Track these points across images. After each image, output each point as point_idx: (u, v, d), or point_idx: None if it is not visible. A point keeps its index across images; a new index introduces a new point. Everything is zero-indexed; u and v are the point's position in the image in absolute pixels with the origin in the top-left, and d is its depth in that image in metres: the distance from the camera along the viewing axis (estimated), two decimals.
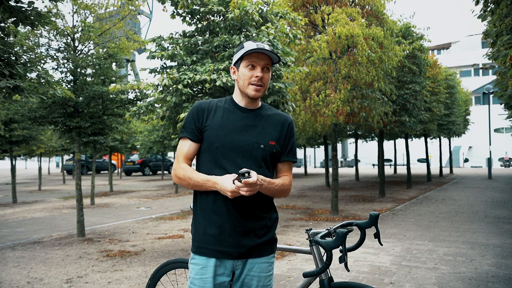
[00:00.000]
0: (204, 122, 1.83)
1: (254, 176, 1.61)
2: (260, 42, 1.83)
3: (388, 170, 29.91)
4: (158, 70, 6.14)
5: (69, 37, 6.90)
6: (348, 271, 1.85)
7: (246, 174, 1.60)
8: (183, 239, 6.80)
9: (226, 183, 1.65)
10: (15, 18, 3.56)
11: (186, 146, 1.84)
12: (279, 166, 1.92)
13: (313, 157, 44.87)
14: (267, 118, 1.88)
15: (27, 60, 3.90)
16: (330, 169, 22.99)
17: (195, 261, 1.80)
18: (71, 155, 24.22)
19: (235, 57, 1.87)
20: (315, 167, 43.36)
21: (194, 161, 1.95)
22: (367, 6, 9.74)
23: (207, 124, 1.82)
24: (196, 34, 5.96)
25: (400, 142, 24.67)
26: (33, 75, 4.03)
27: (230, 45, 5.53)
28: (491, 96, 20.86)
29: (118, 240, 6.78)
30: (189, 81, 5.18)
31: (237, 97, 1.89)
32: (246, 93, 1.83)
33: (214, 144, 1.79)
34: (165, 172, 28.75)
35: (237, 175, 1.64)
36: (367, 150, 34.00)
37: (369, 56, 8.58)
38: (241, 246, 1.77)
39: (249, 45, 1.80)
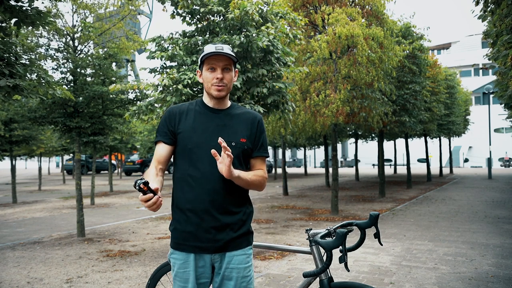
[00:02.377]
0: (177, 125, 1.93)
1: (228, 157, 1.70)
2: (219, 44, 1.92)
3: (388, 170, 29.91)
4: (158, 70, 6.13)
5: (69, 37, 6.90)
6: (348, 271, 1.85)
7: (141, 184, 1.62)
8: None
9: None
10: (16, 19, 3.56)
11: (159, 149, 1.95)
12: (252, 162, 2.01)
13: (313, 157, 44.88)
14: (237, 117, 1.98)
15: (27, 60, 3.90)
16: (330, 169, 22.97)
17: (176, 256, 1.91)
18: (71, 155, 24.22)
19: (199, 61, 1.98)
20: (315, 167, 43.38)
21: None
22: (367, 6, 9.74)
23: (179, 127, 1.93)
24: (196, 34, 5.96)
25: (400, 142, 24.66)
26: (33, 75, 4.03)
27: (230, 45, 5.52)
28: (491, 96, 20.84)
29: (118, 240, 6.78)
30: (189, 81, 5.18)
31: (206, 99, 2.00)
32: (211, 94, 1.94)
33: (187, 146, 1.90)
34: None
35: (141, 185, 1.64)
36: (367, 150, 33.99)
37: (369, 56, 8.58)
38: (217, 241, 1.86)
39: (208, 49, 1.90)
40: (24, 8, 3.55)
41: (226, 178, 1.76)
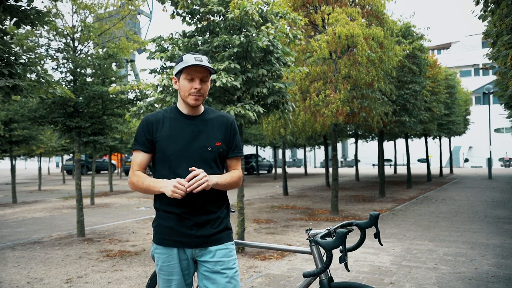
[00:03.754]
0: (154, 134, 2.01)
1: (201, 171, 1.86)
2: (198, 55, 2.01)
3: (388, 170, 29.91)
4: (158, 70, 6.13)
5: (68, 37, 6.90)
6: (348, 271, 1.85)
7: None
8: None
9: (170, 184, 1.84)
10: (16, 19, 3.55)
11: (139, 156, 2.03)
12: (228, 162, 2.12)
13: (313, 157, 44.88)
14: (211, 122, 2.06)
15: (27, 60, 3.90)
16: (330, 169, 22.96)
17: (160, 251, 1.99)
18: (71, 155, 24.22)
19: (176, 69, 2.03)
20: (315, 167, 43.38)
21: None
22: (367, 6, 9.74)
23: (157, 136, 2.00)
24: (196, 34, 5.95)
25: (400, 142, 24.66)
26: (33, 75, 4.03)
27: (230, 45, 5.52)
28: (491, 96, 20.86)
29: (118, 240, 6.78)
30: None
31: (181, 105, 2.07)
32: (187, 102, 2.01)
33: (166, 153, 1.98)
34: None
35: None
36: (367, 150, 33.97)
37: (369, 56, 8.57)
38: (199, 237, 1.96)
39: (188, 59, 1.97)
40: (23, 8, 3.55)
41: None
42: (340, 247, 1.76)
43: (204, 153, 1.99)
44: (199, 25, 5.95)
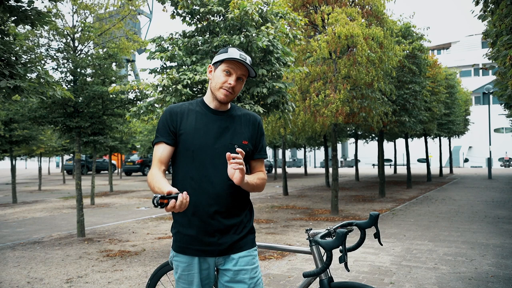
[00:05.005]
0: (178, 126, 1.88)
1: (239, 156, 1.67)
2: (243, 53, 1.89)
3: (388, 170, 29.92)
4: (158, 70, 6.14)
5: (69, 37, 6.90)
6: (348, 271, 1.85)
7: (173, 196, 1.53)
8: None
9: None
10: (15, 18, 3.56)
11: (160, 150, 1.87)
12: (252, 163, 2.00)
13: (313, 157, 44.88)
14: (239, 119, 1.95)
15: (27, 60, 3.90)
16: (330, 169, 22.98)
17: (179, 259, 1.88)
18: (71, 155, 24.22)
19: (216, 58, 1.91)
20: (315, 167, 43.38)
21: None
22: (367, 6, 9.74)
23: (181, 128, 1.87)
24: (196, 34, 5.96)
25: (400, 142, 24.69)
26: (33, 75, 4.03)
27: (230, 45, 5.53)
28: (491, 96, 20.86)
29: (118, 240, 6.78)
30: (189, 81, 5.18)
31: (208, 99, 1.95)
32: (216, 95, 1.89)
33: (190, 148, 1.85)
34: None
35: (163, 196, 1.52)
36: (367, 150, 33.99)
37: (369, 56, 8.58)
38: (221, 244, 1.84)
39: (233, 52, 1.86)
40: (23, 8, 3.55)
41: (237, 184, 1.72)
42: (340, 247, 1.76)
43: (230, 151, 1.83)
44: (199, 25, 5.95)
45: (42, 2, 5.46)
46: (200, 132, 1.86)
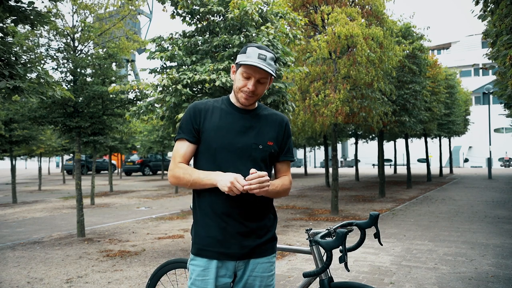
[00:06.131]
0: (201, 123, 1.81)
1: (264, 172, 1.65)
2: (264, 51, 1.75)
3: (388, 170, 29.91)
4: (158, 70, 6.14)
5: (69, 37, 6.90)
6: (348, 271, 1.85)
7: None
8: (183, 239, 6.80)
9: (227, 178, 1.63)
10: (15, 17, 3.56)
11: (183, 147, 1.82)
12: (278, 166, 1.92)
13: (313, 157, 44.87)
14: (264, 119, 1.87)
15: (27, 60, 3.90)
16: (330, 169, 22.98)
17: (196, 263, 1.79)
18: (71, 155, 24.22)
19: (238, 58, 1.83)
20: (315, 167, 43.36)
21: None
22: (367, 6, 9.74)
23: (204, 125, 1.80)
24: (196, 34, 5.96)
25: (400, 142, 24.67)
26: (33, 75, 4.03)
27: (230, 45, 5.53)
28: (491, 96, 20.84)
29: (118, 240, 6.78)
30: (189, 81, 5.18)
31: (233, 98, 1.88)
32: (237, 97, 1.83)
33: (212, 146, 1.78)
34: (165, 172, 28.75)
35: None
36: (367, 150, 33.97)
37: (369, 56, 8.58)
38: (243, 247, 1.77)
39: (251, 54, 1.74)
40: (23, 8, 3.55)
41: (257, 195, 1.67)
42: (340, 247, 1.76)
43: (254, 151, 1.78)
44: (199, 25, 5.95)
45: (42, 2, 5.47)
46: (223, 130, 1.79)
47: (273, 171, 1.98)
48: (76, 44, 6.96)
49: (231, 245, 1.76)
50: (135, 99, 7.42)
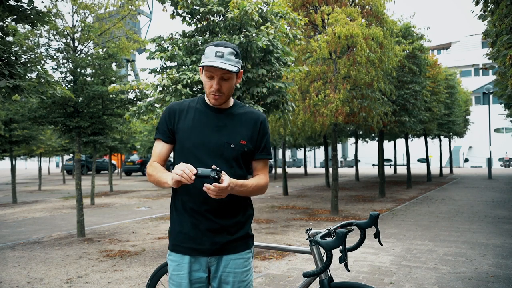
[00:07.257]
0: (175, 124, 1.87)
1: (225, 182, 1.64)
2: (221, 48, 1.76)
3: (388, 170, 29.91)
4: (158, 70, 6.13)
5: (69, 37, 6.90)
6: (348, 271, 1.85)
7: (217, 174, 1.63)
8: None
9: (178, 167, 1.64)
10: (15, 17, 3.56)
11: (159, 147, 1.91)
12: (254, 164, 1.93)
13: (313, 157, 44.87)
14: (238, 117, 1.89)
15: (27, 60, 3.90)
16: (330, 169, 22.98)
17: (172, 258, 1.86)
18: (71, 155, 24.22)
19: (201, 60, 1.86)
20: (315, 167, 43.37)
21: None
22: (367, 6, 9.74)
23: (178, 126, 1.87)
24: (196, 34, 5.96)
25: (400, 142, 24.66)
26: (33, 75, 4.03)
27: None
28: (491, 96, 20.84)
29: (118, 240, 6.78)
30: (189, 81, 5.18)
31: (207, 97, 1.92)
32: (209, 98, 1.86)
33: (185, 145, 1.84)
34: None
35: (208, 175, 1.64)
36: (367, 150, 33.99)
37: (369, 56, 8.57)
38: (214, 244, 1.81)
39: (209, 54, 1.77)
40: (23, 8, 3.55)
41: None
42: (340, 247, 1.76)
43: (225, 150, 1.81)
44: (199, 25, 5.95)
45: (42, 1, 5.47)
46: (196, 130, 1.84)
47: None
48: (76, 44, 6.96)
49: (203, 241, 1.81)
50: (135, 99, 7.41)
